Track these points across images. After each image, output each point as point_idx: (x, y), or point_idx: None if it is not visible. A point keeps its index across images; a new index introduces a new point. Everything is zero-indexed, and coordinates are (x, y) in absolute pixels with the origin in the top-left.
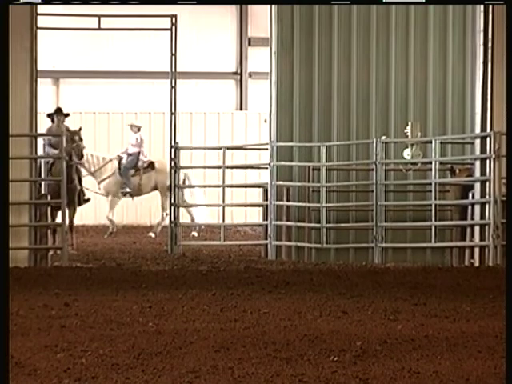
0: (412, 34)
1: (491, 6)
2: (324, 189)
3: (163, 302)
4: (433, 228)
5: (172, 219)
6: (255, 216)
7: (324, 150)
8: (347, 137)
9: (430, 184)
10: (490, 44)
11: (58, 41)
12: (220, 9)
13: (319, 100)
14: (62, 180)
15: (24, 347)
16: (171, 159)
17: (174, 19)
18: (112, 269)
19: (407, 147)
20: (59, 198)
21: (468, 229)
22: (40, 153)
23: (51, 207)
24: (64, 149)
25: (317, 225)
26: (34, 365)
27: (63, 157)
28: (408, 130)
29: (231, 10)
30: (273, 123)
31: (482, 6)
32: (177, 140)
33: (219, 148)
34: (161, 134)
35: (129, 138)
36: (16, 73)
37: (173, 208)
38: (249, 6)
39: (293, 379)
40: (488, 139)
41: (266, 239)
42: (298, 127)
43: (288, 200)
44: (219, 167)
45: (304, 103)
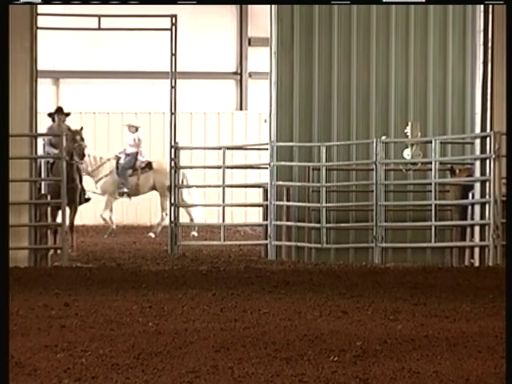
0: (412, 34)
1: (491, 6)
2: (324, 189)
3: (163, 302)
4: (433, 228)
5: (172, 219)
6: (255, 216)
7: (324, 150)
8: (347, 137)
9: (430, 184)
10: (490, 44)
11: (58, 41)
12: (220, 9)
13: (319, 100)
14: (62, 180)
15: (24, 347)
16: (171, 159)
17: (174, 19)
18: (112, 269)
19: (407, 147)
20: (60, 198)
21: (468, 229)
22: (40, 153)
23: (52, 207)
24: (65, 148)
25: (317, 225)
26: (34, 365)
27: (63, 157)
28: (408, 130)
29: (231, 10)
30: (273, 123)
31: (482, 6)
32: (177, 140)
33: (219, 148)
34: (161, 134)
35: (127, 138)
36: (16, 73)
37: (173, 208)
38: (249, 6)
39: (293, 379)
40: (488, 139)
41: (266, 239)
42: (298, 127)
43: (288, 200)
44: (219, 167)
45: (304, 103)
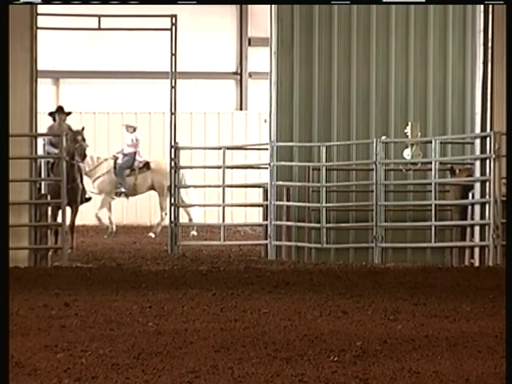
0: (412, 34)
1: (491, 6)
2: (324, 189)
3: (163, 302)
4: (433, 228)
5: (172, 219)
6: (255, 216)
7: (324, 150)
8: (347, 137)
9: (430, 184)
10: (490, 44)
11: (58, 41)
12: (220, 9)
13: (319, 100)
14: (62, 180)
15: (24, 347)
16: (171, 159)
17: (174, 19)
18: (112, 269)
19: (407, 147)
20: (61, 196)
21: (468, 229)
22: (40, 152)
23: (52, 207)
24: (65, 148)
25: (317, 225)
26: (34, 365)
27: (63, 156)
28: (408, 130)
29: (231, 10)
30: (273, 123)
31: (482, 6)
32: (177, 140)
33: (219, 148)
34: (161, 134)
35: (125, 139)
36: (16, 73)
37: (173, 208)
38: (249, 6)
39: (293, 379)
40: (488, 139)
41: (266, 239)
42: (298, 127)
43: (288, 200)
44: (219, 167)
45: (304, 103)
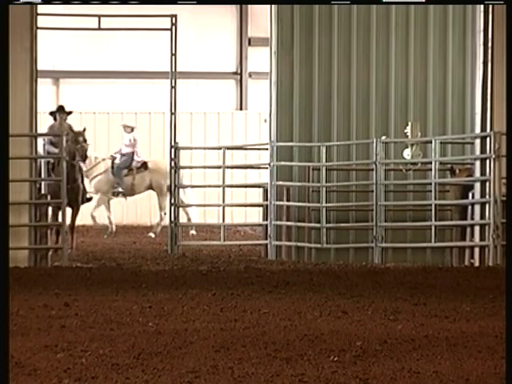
0: (412, 34)
1: (491, 6)
2: (324, 189)
3: (163, 302)
4: (433, 228)
5: (172, 219)
6: (255, 216)
7: (324, 150)
8: (347, 137)
9: (430, 184)
10: (490, 44)
11: (58, 41)
12: (220, 9)
13: (319, 100)
14: (62, 180)
15: (24, 347)
16: (171, 159)
17: (174, 19)
18: (112, 269)
19: (407, 147)
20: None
21: (468, 229)
22: (40, 152)
23: (53, 207)
24: (66, 149)
25: (317, 225)
26: (34, 365)
27: (63, 156)
28: (408, 130)
29: (231, 10)
30: (273, 123)
31: (482, 6)
32: (177, 140)
33: (219, 148)
34: (161, 134)
35: (123, 139)
36: (16, 73)
37: (173, 208)
38: (249, 6)
39: (293, 379)
40: (488, 139)
41: (266, 239)
42: (298, 127)
43: (288, 200)
44: (219, 167)
45: (304, 103)
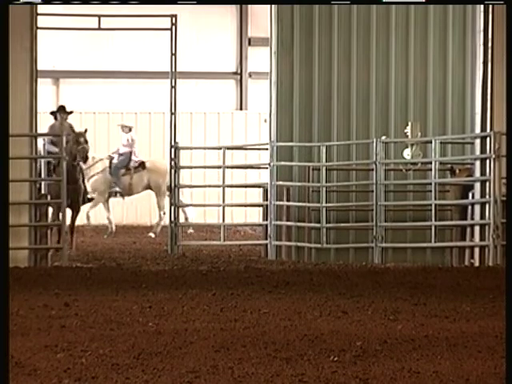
0: (412, 34)
1: (491, 6)
2: (324, 189)
3: (163, 302)
4: (433, 228)
5: (172, 219)
6: (255, 216)
7: (324, 150)
8: (347, 137)
9: (430, 184)
10: (490, 44)
11: (58, 41)
12: (220, 9)
13: (319, 100)
14: (62, 180)
15: (24, 347)
16: (171, 159)
17: (174, 19)
18: (112, 269)
19: (407, 147)
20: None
21: (468, 229)
22: (40, 151)
23: (54, 207)
24: (68, 149)
25: (317, 225)
26: (34, 365)
27: (63, 156)
28: (408, 130)
29: (231, 10)
30: (273, 123)
31: (482, 6)
32: (177, 140)
33: (219, 148)
34: (161, 134)
35: (120, 139)
36: (16, 73)
37: (172, 208)
38: (249, 6)
39: (293, 379)
40: (488, 139)
41: (266, 239)
42: (298, 127)
43: (288, 200)
44: (219, 167)
45: (304, 103)
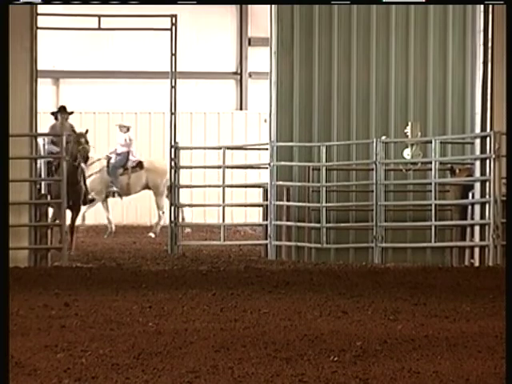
0: (412, 34)
1: (491, 6)
2: (324, 189)
3: (163, 302)
4: (433, 228)
5: (172, 219)
6: (255, 216)
7: (324, 150)
8: (347, 137)
9: (430, 184)
10: (490, 44)
11: (58, 41)
12: (220, 9)
13: (319, 100)
14: (63, 180)
15: (24, 347)
16: (171, 159)
17: (174, 19)
18: (112, 269)
19: (407, 147)
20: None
21: (468, 229)
22: (40, 151)
23: (54, 207)
24: (69, 150)
25: (317, 225)
26: (34, 365)
27: (63, 156)
28: (408, 130)
29: (231, 10)
30: (273, 123)
31: (482, 6)
32: (177, 140)
33: (219, 148)
34: (161, 134)
35: (118, 139)
36: (16, 73)
37: (173, 208)
38: (249, 6)
39: (293, 379)
40: (488, 139)
41: (266, 239)
42: (298, 127)
43: (288, 200)
44: (219, 167)
45: (304, 103)
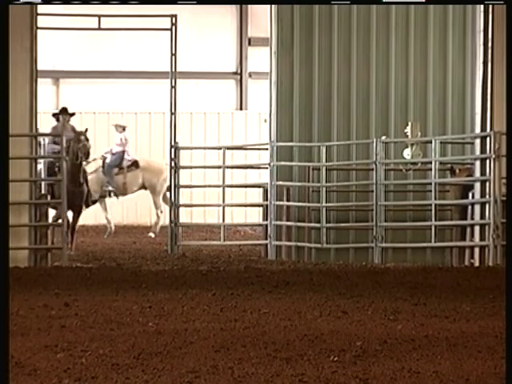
0: (412, 34)
1: (491, 6)
2: (324, 189)
3: (163, 302)
4: (433, 228)
5: (172, 219)
6: (255, 216)
7: (324, 150)
8: (347, 137)
9: (430, 184)
10: (490, 44)
11: (58, 41)
12: (220, 9)
13: (319, 100)
14: (63, 180)
15: (24, 347)
16: (171, 159)
17: (174, 19)
18: (112, 269)
19: (407, 147)
20: (68, 199)
21: (468, 229)
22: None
23: (55, 207)
24: (70, 149)
25: (317, 225)
26: (34, 365)
27: (63, 156)
28: (408, 130)
29: (231, 10)
30: (273, 123)
31: (482, 6)
32: (177, 140)
33: (219, 148)
34: (161, 134)
35: (114, 138)
36: (16, 73)
37: (173, 208)
38: (249, 6)
39: (293, 379)
40: (488, 139)
41: (266, 239)
42: (298, 127)
43: (288, 200)
44: (219, 167)
45: (304, 103)
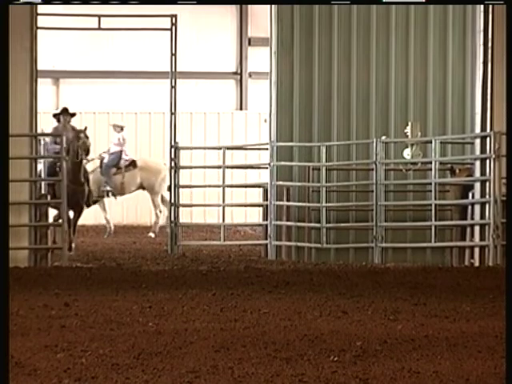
0: (412, 34)
1: (491, 6)
2: (324, 189)
3: (163, 302)
4: (433, 228)
5: (172, 219)
6: (255, 216)
7: (324, 150)
8: (347, 137)
9: (430, 184)
10: (490, 44)
11: (58, 41)
12: (220, 9)
13: (319, 100)
14: (63, 180)
15: (24, 347)
16: (171, 159)
17: (174, 19)
18: (112, 269)
19: (407, 147)
20: (68, 200)
21: (468, 229)
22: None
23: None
24: (71, 147)
25: (317, 225)
26: (34, 365)
27: (63, 156)
28: (408, 130)
29: (231, 10)
30: (273, 123)
31: (482, 6)
32: (177, 140)
33: (219, 148)
34: (161, 134)
35: (112, 138)
36: (16, 73)
37: (173, 208)
38: (249, 6)
39: (293, 379)
40: (488, 139)
41: (266, 239)
42: (298, 127)
43: (288, 200)
44: (219, 167)
45: (304, 103)
